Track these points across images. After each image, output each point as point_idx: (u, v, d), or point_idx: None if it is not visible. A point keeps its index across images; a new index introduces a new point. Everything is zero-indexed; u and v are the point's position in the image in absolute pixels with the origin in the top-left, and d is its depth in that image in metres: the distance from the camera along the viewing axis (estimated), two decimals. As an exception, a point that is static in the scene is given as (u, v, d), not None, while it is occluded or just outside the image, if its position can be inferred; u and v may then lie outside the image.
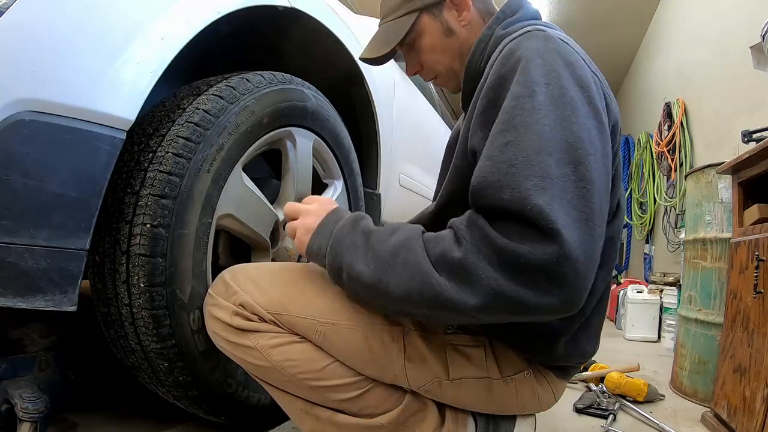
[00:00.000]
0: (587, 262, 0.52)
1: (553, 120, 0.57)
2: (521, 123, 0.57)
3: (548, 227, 0.51)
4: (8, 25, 0.58)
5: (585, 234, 0.53)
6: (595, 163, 0.57)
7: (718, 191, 1.64)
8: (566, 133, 0.56)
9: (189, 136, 0.78)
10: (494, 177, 0.56)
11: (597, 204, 0.55)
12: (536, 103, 0.57)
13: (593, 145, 0.57)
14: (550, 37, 0.64)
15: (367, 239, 0.63)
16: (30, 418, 0.77)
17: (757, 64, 1.64)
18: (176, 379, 0.80)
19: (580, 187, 0.54)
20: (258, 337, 0.70)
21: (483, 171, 0.58)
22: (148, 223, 0.74)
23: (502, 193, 0.54)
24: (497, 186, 0.55)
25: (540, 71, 0.60)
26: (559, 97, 0.58)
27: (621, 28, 4.66)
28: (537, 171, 0.54)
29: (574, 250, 0.51)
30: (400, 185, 1.80)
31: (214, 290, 0.75)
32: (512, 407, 0.75)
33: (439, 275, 0.55)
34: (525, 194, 0.53)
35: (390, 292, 0.58)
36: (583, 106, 0.59)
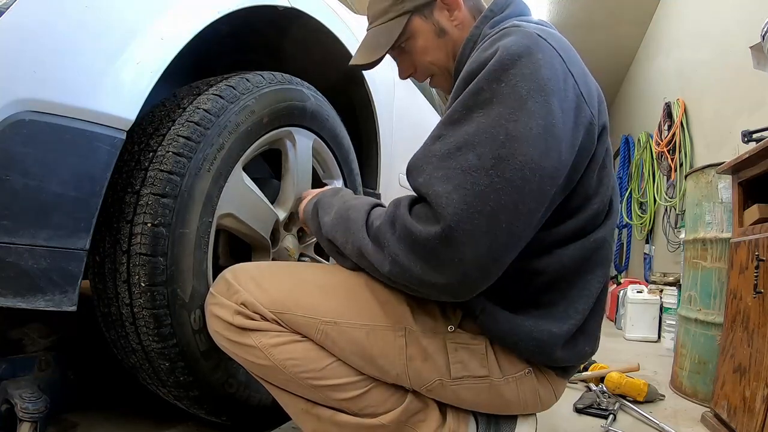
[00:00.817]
0: (478, 252, 0.57)
1: (492, 118, 0.59)
2: (457, 120, 0.62)
3: (440, 212, 0.57)
4: (8, 25, 0.58)
5: (482, 226, 0.57)
6: (523, 163, 0.58)
7: (718, 191, 1.64)
8: (500, 131, 0.58)
9: (189, 135, 0.79)
10: (419, 162, 0.64)
11: (510, 200, 0.57)
12: (479, 101, 0.61)
13: (530, 146, 0.58)
14: (526, 33, 0.64)
15: (339, 200, 0.78)
16: (30, 418, 0.77)
17: (757, 64, 1.65)
18: (177, 380, 0.80)
19: (493, 183, 0.57)
20: (260, 336, 0.70)
21: (416, 154, 0.65)
22: (148, 222, 0.74)
23: (419, 176, 0.62)
24: (418, 170, 0.63)
25: (498, 66, 0.61)
26: (507, 94, 0.59)
27: (621, 28, 4.66)
28: (452, 164, 0.59)
29: (461, 236, 0.57)
30: (399, 185, 1.80)
31: (215, 289, 0.75)
32: (514, 406, 0.75)
33: (367, 235, 0.68)
34: (432, 182, 0.60)
35: (337, 238, 0.73)
36: (534, 106, 0.59)
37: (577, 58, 0.70)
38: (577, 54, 0.71)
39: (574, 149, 0.64)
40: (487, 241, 0.57)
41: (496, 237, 0.57)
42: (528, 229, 0.61)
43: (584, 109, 0.66)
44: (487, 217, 0.57)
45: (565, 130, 0.62)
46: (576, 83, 0.66)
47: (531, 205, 0.59)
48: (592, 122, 0.67)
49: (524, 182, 0.58)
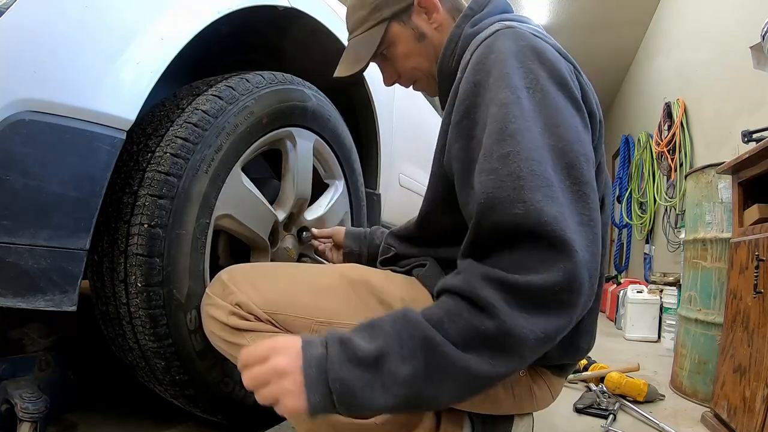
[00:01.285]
0: (594, 261, 0.53)
1: (542, 126, 0.56)
2: (517, 131, 0.55)
3: (562, 239, 0.49)
4: (8, 25, 0.58)
5: (589, 236, 0.53)
6: (585, 163, 0.57)
7: (718, 191, 1.63)
8: (555, 138, 0.56)
9: (187, 136, 0.79)
10: (502, 192, 0.53)
11: (593, 203, 0.56)
12: (524, 109, 0.56)
13: (581, 144, 0.58)
14: (520, 34, 0.63)
15: (375, 367, 0.49)
16: (30, 418, 0.77)
17: (757, 64, 1.65)
18: (173, 378, 0.80)
19: (575, 190, 0.55)
20: (254, 337, 0.70)
21: (487, 186, 0.54)
22: (145, 223, 0.74)
23: (514, 208, 0.51)
24: (507, 201, 0.52)
25: (519, 75, 0.59)
26: (541, 100, 0.58)
27: (621, 28, 4.66)
28: (542, 181, 0.52)
29: (583, 256, 0.50)
30: (400, 185, 1.80)
31: (211, 290, 0.75)
32: (509, 407, 0.75)
33: (477, 354, 0.49)
34: (538, 207, 0.50)
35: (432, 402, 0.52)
36: (566, 106, 0.59)
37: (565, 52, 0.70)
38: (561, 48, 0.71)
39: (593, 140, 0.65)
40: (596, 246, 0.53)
41: (598, 240, 0.54)
42: None
43: (590, 97, 0.66)
44: (588, 225, 0.53)
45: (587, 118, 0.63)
46: (577, 72, 0.66)
47: (596, 195, 0.58)
48: (594, 112, 0.67)
49: (591, 180, 0.57)
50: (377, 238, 1.01)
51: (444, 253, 0.76)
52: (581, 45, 4.82)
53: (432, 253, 0.78)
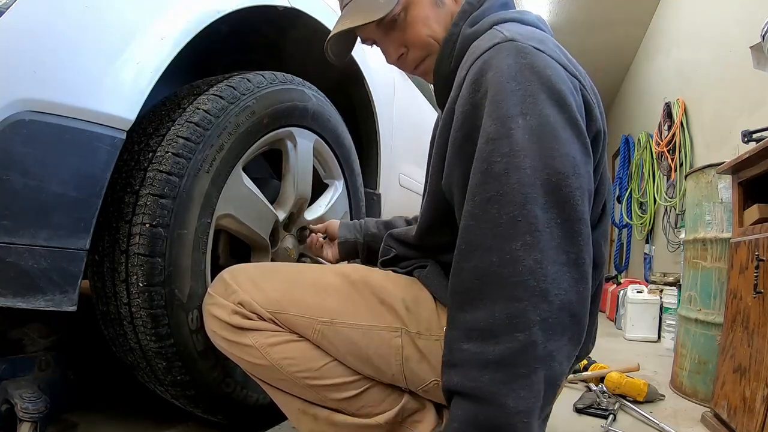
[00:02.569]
0: (579, 300, 0.54)
1: (534, 159, 0.54)
2: (501, 172, 0.54)
3: (539, 288, 0.51)
4: (8, 25, 0.58)
5: (575, 275, 0.54)
6: (581, 195, 0.55)
7: (718, 191, 1.63)
8: (549, 172, 0.54)
9: (189, 136, 0.79)
10: (481, 239, 0.54)
11: (584, 238, 0.55)
12: (513, 143, 0.54)
13: (577, 175, 0.55)
14: (521, 49, 0.58)
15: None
16: (30, 418, 0.77)
17: (757, 64, 1.64)
18: (174, 378, 0.80)
19: (566, 229, 0.54)
20: (256, 336, 0.70)
21: (467, 231, 0.56)
22: (147, 222, 0.74)
23: (491, 255, 0.53)
24: (485, 248, 0.54)
25: (515, 100, 0.56)
26: (537, 127, 0.55)
27: (621, 28, 4.66)
28: (523, 227, 0.52)
29: (563, 298, 0.52)
30: (400, 185, 1.80)
31: (213, 289, 0.75)
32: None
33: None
34: (514, 256, 0.52)
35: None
36: (564, 131, 0.56)
37: (569, 56, 0.66)
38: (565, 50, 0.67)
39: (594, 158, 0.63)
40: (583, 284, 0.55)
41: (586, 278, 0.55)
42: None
43: (594, 113, 0.63)
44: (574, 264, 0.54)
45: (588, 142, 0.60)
46: (582, 86, 0.62)
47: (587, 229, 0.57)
48: (599, 129, 0.65)
49: (585, 213, 0.56)
50: (372, 227, 1.01)
51: (445, 258, 0.75)
52: (581, 45, 4.82)
53: (432, 257, 0.78)
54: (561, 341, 0.53)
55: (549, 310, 0.52)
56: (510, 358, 0.51)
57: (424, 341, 0.71)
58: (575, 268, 0.54)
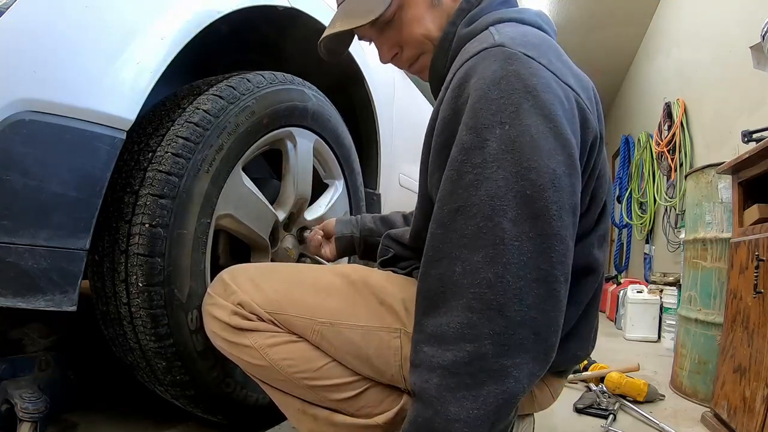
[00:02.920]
0: (549, 317, 0.53)
1: (509, 171, 0.52)
2: (471, 183, 0.53)
3: (497, 301, 0.50)
4: (8, 25, 0.58)
5: (543, 293, 0.52)
6: (558, 210, 0.53)
7: (718, 191, 1.63)
8: (524, 185, 0.52)
9: (188, 136, 0.79)
10: (447, 248, 0.54)
11: (558, 255, 0.53)
12: (487, 155, 0.53)
13: (557, 188, 0.53)
14: (509, 56, 0.56)
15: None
16: (30, 418, 0.77)
17: (757, 64, 1.64)
18: (174, 378, 0.80)
19: (538, 244, 0.52)
20: (256, 337, 0.70)
21: (435, 239, 0.56)
22: (146, 222, 0.74)
23: (455, 265, 0.53)
24: (450, 257, 0.54)
25: (494, 108, 0.53)
26: (516, 137, 0.53)
27: (621, 28, 4.66)
28: (489, 239, 0.51)
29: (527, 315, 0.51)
30: (400, 185, 1.81)
31: (212, 290, 0.75)
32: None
33: None
34: (475, 268, 0.52)
35: None
36: (547, 142, 0.53)
37: (566, 59, 0.64)
38: (562, 52, 0.64)
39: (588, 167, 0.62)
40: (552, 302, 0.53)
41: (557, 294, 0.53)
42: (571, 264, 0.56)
43: (591, 121, 0.61)
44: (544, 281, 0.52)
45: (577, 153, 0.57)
46: (577, 95, 0.60)
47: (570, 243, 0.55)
48: (596, 136, 0.63)
49: (563, 228, 0.54)
50: (368, 222, 1.01)
51: None
52: (581, 44, 4.82)
53: None
54: (519, 358, 0.51)
55: (505, 325, 0.51)
56: (458, 367, 0.51)
57: (423, 342, 0.71)
58: (544, 285, 0.52)
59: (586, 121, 0.60)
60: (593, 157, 0.63)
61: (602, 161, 0.67)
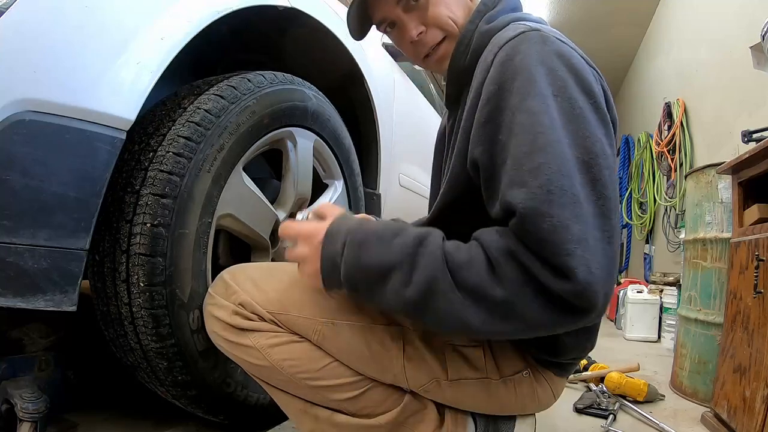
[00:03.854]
0: (612, 278, 0.54)
1: (570, 137, 0.56)
2: (547, 143, 0.55)
3: (582, 258, 0.51)
4: (8, 25, 0.58)
5: (609, 253, 0.54)
6: (609, 176, 0.57)
7: (718, 191, 1.63)
8: (582, 151, 0.56)
9: (190, 135, 0.78)
10: (534, 203, 0.53)
11: (614, 217, 0.56)
12: (553, 119, 0.56)
13: (605, 156, 0.57)
14: (547, 38, 0.61)
15: (380, 280, 0.58)
16: (30, 418, 0.77)
17: (757, 64, 1.65)
18: (175, 379, 0.80)
19: (599, 206, 0.55)
20: (257, 337, 0.70)
21: (517, 198, 0.55)
22: (148, 222, 0.74)
23: (542, 222, 0.52)
24: (538, 214, 0.53)
25: (546, 81, 0.58)
26: (569, 110, 0.57)
27: (621, 28, 4.66)
28: (570, 197, 0.53)
29: (599, 274, 0.52)
30: (400, 185, 1.80)
31: (213, 290, 0.75)
32: (512, 407, 0.75)
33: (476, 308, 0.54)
34: (565, 224, 0.52)
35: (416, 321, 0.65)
36: (592, 116, 0.58)
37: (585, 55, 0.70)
38: None
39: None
40: (612, 263, 0.54)
41: (615, 257, 0.55)
42: None
43: (611, 103, 0.66)
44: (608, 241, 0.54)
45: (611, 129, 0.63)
46: (600, 78, 0.65)
47: (618, 207, 0.58)
48: (615, 119, 0.67)
49: (613, 195, 0.57)
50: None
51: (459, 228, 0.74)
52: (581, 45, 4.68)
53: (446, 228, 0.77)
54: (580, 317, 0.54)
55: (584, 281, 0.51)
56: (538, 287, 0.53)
57: (426, 341, 0.71)
58: (609, 247, 0.54)
59: (609, 103, 0.65)
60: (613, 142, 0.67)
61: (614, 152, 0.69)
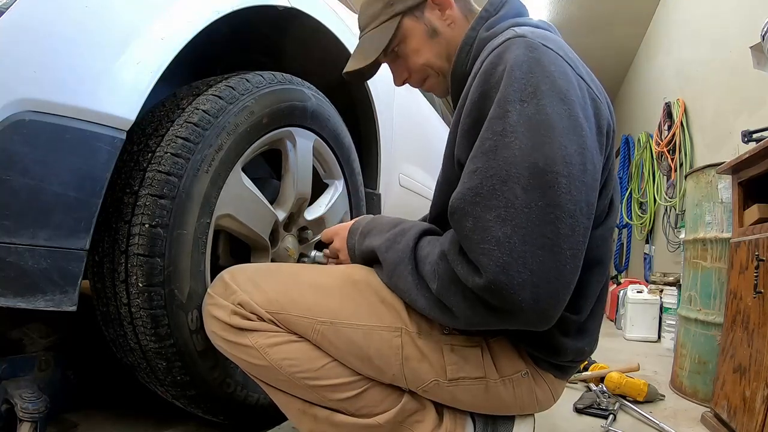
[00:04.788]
0: (550, 286, 0.55)
1: (525, 143, 0.56)
2: (490, 149, 0.58)
3: (500, 261, 0.54)
4: (8, 25, 0.58)
5: (547, 261, 0.54)
6: (569, 184, 0.56)
7: (718, 191, 1.63)
8: (537, 156, 0.56)
9: (188, 136, 0.79)
10: (461, 204, 0.58)
11: (565, 227, 0.55)
12: (507, 125, 0.58)
13: (569, 165, 0.57)
14: (531, 44, 0.62)
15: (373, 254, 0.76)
16: (30, 418, 0.77)
17: (757, 64, 1.65)
18: (174, 379, 0.80)
19: (545, 213, 0.55)
20: (256, 336, 0.70)
21: (454, 195, 0.60)
22: (146, 223, 0.74)
23: (466, 221, 0.57)
24: (462, 213, 0.58)
25: (516, 87, 0.59)
26: (533, 115, 0.57)
27: (621, 28, 4.66)
28: (501, 201, 0.55)
29: (531, 278, 0.54)
30: (400, 185, 1.80)
31: (213, 290, 0.75)
32: (511, 408, 0.75)
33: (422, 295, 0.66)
34: (486, 225, 0.55)
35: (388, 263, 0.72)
36: (561, 122, 0.58)
37: (579, 60, 0.69)
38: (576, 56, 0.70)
39: (602, 154, 0.65)
40: (556, 270, 0.55)
41: (562, 264, 0.55)
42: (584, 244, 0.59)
43: (603, 110, 0.65)
44: (550, 249, 0.55)
45: (592, 138, 0.61)
46: (588, 86, 0.65)
47: (585, 216, 0.58)
48: (610, 125, 0.67)
49: (572, 204, 0.56)
50: None
51: None
52: (581, 45, 4.81)
53: None
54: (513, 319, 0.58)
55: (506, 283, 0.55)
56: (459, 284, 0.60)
57: (424, 341, 0.71)
58: (549, 253, 0.55)
59: (599, 110, 0.64)
60: (609, 144, 0.67)
61: (611, 155, 0.70)
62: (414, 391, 0.74)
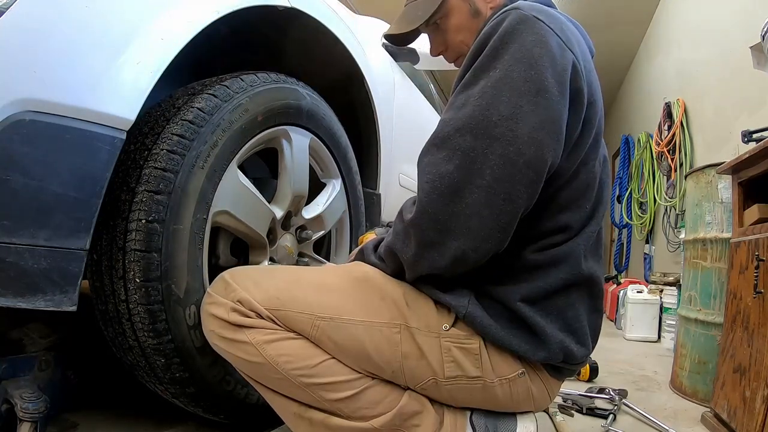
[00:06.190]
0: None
1: (486, 100, 0.64)
2: (458, 106, 0.67)
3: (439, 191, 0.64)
4: (8, 25, 0.58)
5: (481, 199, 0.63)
6: (515, 138, 0.62)
7: (718, 191, 1.63)
8: (492, 111, 0.63)
9: (183, 133, 0.79)
10: (425, 146, 0.70)
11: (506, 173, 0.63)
12: (477, 88, 0.66)
13: (517, 119, 0.63)
14: (522, 16, 0.67)
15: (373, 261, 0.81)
16: (30, 418, 0.77)
17: (757, 64, 1.65)
18: (173, 376, 0.80)
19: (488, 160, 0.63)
20: (253, 333, 0.70)
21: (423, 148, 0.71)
22: (143, 218, 0.74)
23: (424, 156, 0.69)
24: (423, 152, 0.69)
25: (489, 54, 0.66)
26: (499, 78, 0.64)
27: (621, 28, 4.66)
28: (451, 145, 0.65)
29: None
30: (400, 185, 1.80)
31: (213, 289, 0.75)
32: (507, 406, 0.76)
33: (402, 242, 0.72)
34: (436, 161, 0.66)
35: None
36: (525, 85, 0.63)
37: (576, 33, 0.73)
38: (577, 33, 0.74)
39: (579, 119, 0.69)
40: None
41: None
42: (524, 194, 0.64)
43: (581, 79, 0.68)
44: (485, 190, 0.63)
45: (560, 101, 0.65)
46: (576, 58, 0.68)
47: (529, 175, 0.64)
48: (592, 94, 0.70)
49: (520, 155, 0.63)
50: None
51: None
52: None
53: None
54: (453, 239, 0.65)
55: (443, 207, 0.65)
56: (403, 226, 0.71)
57: (424, 338, 0.71)
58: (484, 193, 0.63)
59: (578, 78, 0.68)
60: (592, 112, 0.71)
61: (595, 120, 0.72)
62: (413, 392, 0.74)
